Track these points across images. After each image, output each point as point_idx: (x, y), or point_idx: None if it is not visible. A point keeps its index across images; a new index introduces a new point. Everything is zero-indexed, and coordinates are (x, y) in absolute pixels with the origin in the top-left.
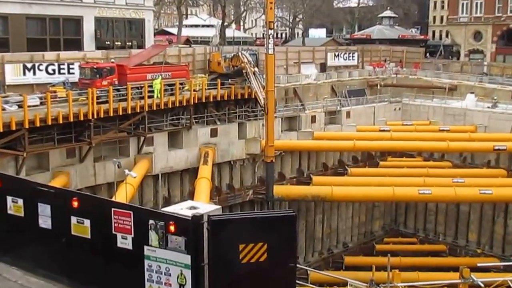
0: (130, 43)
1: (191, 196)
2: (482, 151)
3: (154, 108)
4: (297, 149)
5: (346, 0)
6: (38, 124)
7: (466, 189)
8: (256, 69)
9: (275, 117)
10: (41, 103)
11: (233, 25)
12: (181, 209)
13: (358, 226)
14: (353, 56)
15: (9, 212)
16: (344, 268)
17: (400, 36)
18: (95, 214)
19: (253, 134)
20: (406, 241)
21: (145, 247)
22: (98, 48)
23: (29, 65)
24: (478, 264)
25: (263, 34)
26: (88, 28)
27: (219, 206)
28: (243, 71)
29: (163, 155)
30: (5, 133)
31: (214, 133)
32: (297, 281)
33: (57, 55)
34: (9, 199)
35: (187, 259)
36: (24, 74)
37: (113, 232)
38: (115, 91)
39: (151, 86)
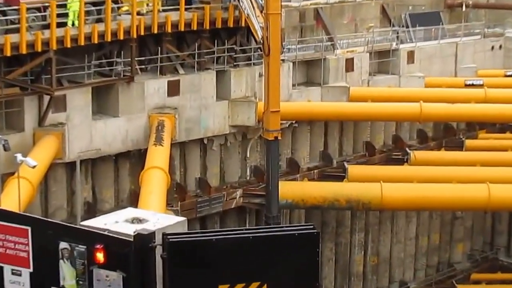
0: None
1: (133, 199)
2: None
3: (68, 45)
4: (320, 117)
5: None
6: None
7: None
8: None
9: (283, 60)
10: None
11: None
12: (116, 222)
13: (426, 253)
14: None
15: None
16: None
17: None
18: None
19: (243, 92)
20: (510, 279)
21: None
22: None
23: None
24: None
25: None
26: None
27: (184, 218)
28: None
29: (84, 128)
30: None
31: (174, 90)
32: None
33: None
34: None
35: None
36: None
37: None
38: None
39: (63, 6)
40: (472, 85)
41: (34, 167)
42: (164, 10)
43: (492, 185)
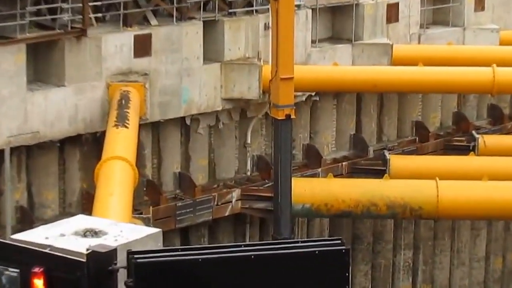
0: None
1: (85, 203)
2: None
3: None
4: (350, 87)
5: None
6: None
7: None
8: None
9: (298, 6)
10: None
11: None
12: (62, 236)
13: (500, 280)
14: None
15: None
16: None
17: None
18: None
19: (241, 52)
20: None
21: None
22: None
23: None
24: None
25: None
26: None
27: (158, 230)
28: None
29: (15, 103)
30: None
31: (143, 48)
32: None
33: None
34: None
35: None
36: None
37: None
38: None
39: None
40: None
41: None
42: None
43: None
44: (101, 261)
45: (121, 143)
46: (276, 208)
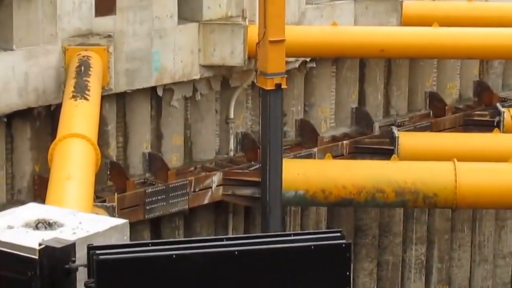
0: None
1: (38, 189)
2: None
3: None
4: (352, 52)
5: None
6: None
7: None
8: None
9: None
10: None
11: None
12: (10, 228)
13: None
14: None
15: None
16: None
17: None
18: None
19: (223, 10)
20: None
21: None
22: None
23: None
24: None
25: None
26: None
27: (124, 221)
28: None
29: None
30: None
31: (106, 5)
32: None
33: None
34: None
35: None
36: None
37: None
38: None
39: None
40: None
41: None
42: None
43: None
44: (57, 258)
45: (80, 118)
46: (264, 195)
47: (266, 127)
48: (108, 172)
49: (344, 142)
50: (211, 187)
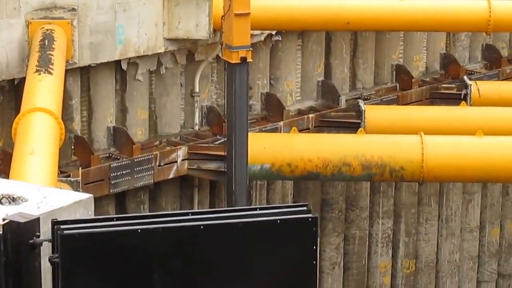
0: None
1: (2, 163)
2: None
3: None
4: (318, 24)
5: None
6: None
7: None
8: None
9: None
10: None
11: None
12: None
13: (498, 255)
14: None
15: None
16: None
17: None
18: None
19: None
20: None
21: None
22: None
23: None
24: None
25: None
26: None
27: (89, 195)
28: None
29: None
30: None
31: None
32: None
33: None
34: None
35: None
36: None
37: None
38: None
39: None
40: None
41: None
42: None
43: None
44: (21, 233)
45: (44, 92)
46: (229, 169)
47: (232, 101)
48: (73, 147)
49: (310, 115)
50: (177, 162)
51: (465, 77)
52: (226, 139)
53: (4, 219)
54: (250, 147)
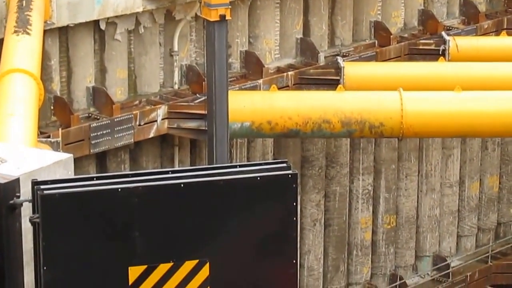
0: None
1: None
2: None
3: None
4: None
5: None
6: None
7: None
8: None
9: None
10: None
11: None
12: None
13: (478, 209)
14: None
15: None
16: None
17: None
18: None
19: None
20: None
21: None
22: None
23: None
24: None
25: None
26: None
27: (68, 155)
28: None
29: None
30: None
31: None
32: None
33: None
34: None
35: None
36: None
37: None
38: None
39: None
40: None
41: None
42: None
43: None
44: (1, 193)
45: (23, 53)
46: (210, 127)
47: (211, 59)
48: (52, 107)
49: (289, 73)
50: (156, 121)
51: (443, 32)
52: (206, 97)
53: None
54: (230, 105)
